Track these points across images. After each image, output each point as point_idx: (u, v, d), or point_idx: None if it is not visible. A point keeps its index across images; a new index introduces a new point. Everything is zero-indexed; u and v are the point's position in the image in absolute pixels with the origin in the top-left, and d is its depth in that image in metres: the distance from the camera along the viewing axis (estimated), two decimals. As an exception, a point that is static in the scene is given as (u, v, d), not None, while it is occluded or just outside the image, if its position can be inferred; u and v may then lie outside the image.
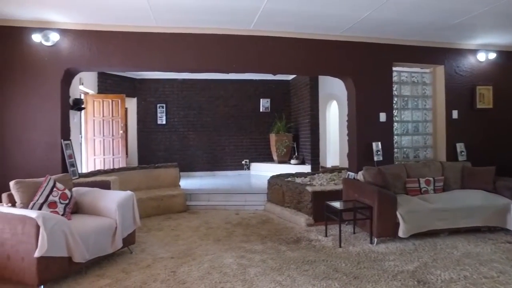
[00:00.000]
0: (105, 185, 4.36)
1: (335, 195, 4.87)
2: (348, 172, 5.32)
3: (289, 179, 5.99)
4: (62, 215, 3.39)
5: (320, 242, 4.19)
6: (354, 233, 4.52)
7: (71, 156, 4.55)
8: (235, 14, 4.31)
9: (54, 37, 4.30)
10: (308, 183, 5.61)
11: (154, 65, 4.65)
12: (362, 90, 5.20)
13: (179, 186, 6.40)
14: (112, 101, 7.90)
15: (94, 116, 7.81)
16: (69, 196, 3.58)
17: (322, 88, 8.36)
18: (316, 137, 8.20)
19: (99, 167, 7.78)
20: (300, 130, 8.85)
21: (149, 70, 4.87)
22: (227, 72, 5.64)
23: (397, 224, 3.99)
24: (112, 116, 7.89)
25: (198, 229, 4.80)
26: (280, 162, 8.89)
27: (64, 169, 4.39)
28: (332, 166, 10.09)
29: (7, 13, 4.14)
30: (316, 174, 6.48)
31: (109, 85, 8.40)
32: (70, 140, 4.60)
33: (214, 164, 9.27)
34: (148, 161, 8.87)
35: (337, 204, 4.31)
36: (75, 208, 3.74)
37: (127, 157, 8.84)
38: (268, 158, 9.46)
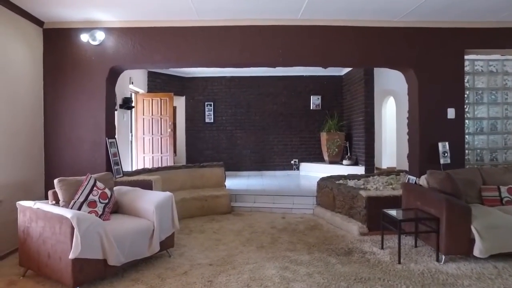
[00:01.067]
0: (147, 185, 4.27)
1: (393, 201, 4.30)
2: (408, 176, 4.69)
3: (341, 181, 5.50)
4: (101, 215, 3.32)
5: (375, 256, 3.68)
6: (415, 246, 3.93)
7: (116, 154, 4.54)
8: (281, 1, 3.95)
9: (100, 36, 4.30)
10: (362, 186, 5.07)
11: (197, 60, 4.47)
12: (426, 82, 4.53)
13: (224, 186, 6.22)
14: (161, 99, 7.98)
15: (143, 115, 7.96)
16: (108, 195, 3.51)
17: (377, 83, 7.66)
18: (370, 136, 7.54)
19: (147, 165, 7.92)
20: (353, 129, 8.23)
21: (192, 66, 4.71)
22: (274, 66, 5.28)
23: (472, 241, 3.34)
24: (161, 114, 7.97)
25: (240, 233, 4.54)
26: (331, 162, 8.35)
27: (109, 168, 4.39)
28: (387, 168, 9.29)
29: (58, 15, 4.21)
30: (371, 177, 5.90)
31: (158, 84, 8.52)
32: (115, 138, 4.60)
33: (262, 163, 9.00)
34: (195, 159, 8.87)
35: (395, 213, 3.76)
36: (116, 208, 3.67)
37: (175, 155, 8.92)
38: (318, 158, 8.96)
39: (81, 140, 4.40)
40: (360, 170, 7.56)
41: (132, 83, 7.20)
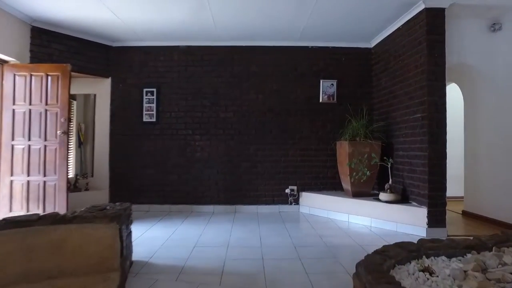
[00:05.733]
0: None
1: None
2: None
3: (415, 268, 1.93)
4: None
5: None
6: None
7: None
8: None
9: None
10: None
11: None
12: None
13: (118, 269, 2.49)
14: (47, 76, 4.34)
15: (14, 104, 4.32)
16: None
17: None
18: (439, 149, 3.95)
19: (18, 198, 4.25)
20: (396, 136, 4.63)
21: None
22: None
23: None
24: (46, 103, 4.33)
25: None
26: (356, 194, 4.72)
27: None
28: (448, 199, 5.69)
29: None
30: (492, 254, 2.33)
31: (56, 51, 4.87)
32: None
33: (236, 193, 5.34)
34: (126, 184, 5.25)
35: None
36: None
37: (84, 178, 5.26)
38: (332, 186, 5.33)
39: None
40: (417, 214, 3.95)
41: (-36, 35, 3.55)
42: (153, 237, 3.83)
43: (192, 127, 5.39)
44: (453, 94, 5.49)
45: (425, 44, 3.93)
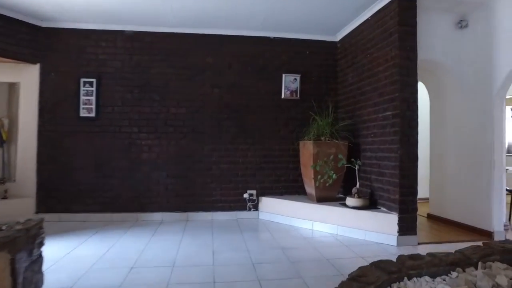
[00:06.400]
0: None
1: None
2: None
3: None
4: None
5: None
6: None
7: None
8: None
9: None
10: None
11: None
12: None
13: None
14: None
15: None
16: None
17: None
18: (411, 149, 3.63)
19: None
20: (364, 135, 4.30)
21: None
22: None
23: None
24: None
25: None
26: (321, 199, 4.33)
27: None
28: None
29: None
30: (482, 274, 1.92)
31: (-36, 29, 3.97)
32: None
33: (187, 198, 4.74)
34: (58, 191, 4.46)
35: None
36: None
37: (2, 183, 4.40)
38: (295, 190, 4.91)
39: None
40: (386, 221, 3.62)
41: None
42: (82, 256, 3.14)
43: (138, 124, 4.71)
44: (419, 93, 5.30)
45: (396, 36, 3.61)
